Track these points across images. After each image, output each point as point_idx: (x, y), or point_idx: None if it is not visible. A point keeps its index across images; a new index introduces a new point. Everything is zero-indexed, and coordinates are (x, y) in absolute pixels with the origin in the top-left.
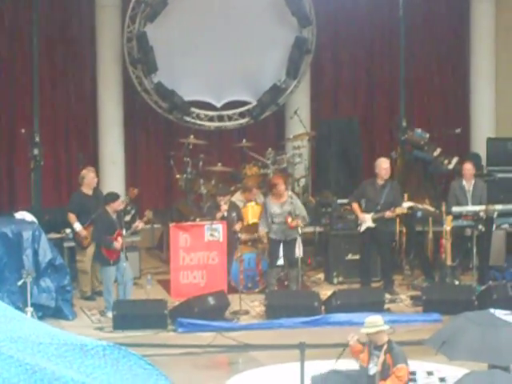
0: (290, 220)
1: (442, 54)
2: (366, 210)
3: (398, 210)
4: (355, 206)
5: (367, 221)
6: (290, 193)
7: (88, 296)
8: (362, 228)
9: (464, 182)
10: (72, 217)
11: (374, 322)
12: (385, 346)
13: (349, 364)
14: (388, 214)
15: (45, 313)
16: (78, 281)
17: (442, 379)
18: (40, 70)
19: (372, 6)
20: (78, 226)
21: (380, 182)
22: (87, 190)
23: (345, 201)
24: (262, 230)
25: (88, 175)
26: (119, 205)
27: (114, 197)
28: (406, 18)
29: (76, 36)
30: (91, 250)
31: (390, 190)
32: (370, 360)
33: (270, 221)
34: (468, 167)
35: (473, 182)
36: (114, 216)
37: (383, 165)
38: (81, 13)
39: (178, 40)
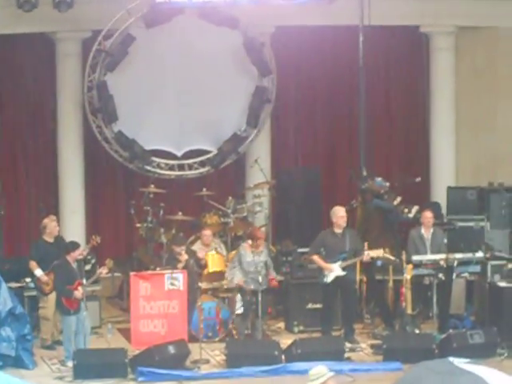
0: (274, 282)
1: (402, 103)
2: (330, 260)
3: (373, 253)
4: (316, 257)
5: (335, 270)
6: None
7: (48, 345)
8: (330, 278)
9: (423, 231)
10: (33, 264)
11: (318, 372)
12: None
13: None
14: (365, 257)
15: (5, 362)
16: (40, 328)
17: None
18: (0, 117)
19: (332, 56)
20: (38, 272)
21: (338, 230)
22: (49, 238)
23: (305, 250)
24: (240, 279)
25: (50, 224)
26: (79, 254)
27: (74, 246)
28: (366, 67)
29: (36, 84)
30: (52, 296)
31: (351, 237)
32: None
33: (245, 270)
34: (428, 215)
35: (431, 230)
36: (75, 265)
37: (340, 213)
38: (41, 62)
39: (139, 89)
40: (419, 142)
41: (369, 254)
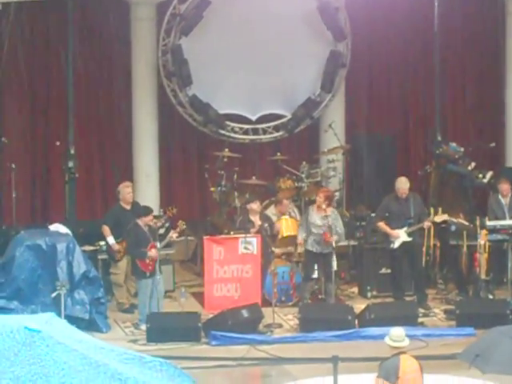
0: (328, 235)
1: (477, 68)
2: (395, 226)
3: (437, 218)
4: (382, 224)
5: (401, 236)
6: (333, 209)
7: (126, 309)
8: (397, 244)
9: (500, 196)
10: (106, 229)
11: (399, 335)
12: None
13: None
14: (427, 223)
15: (79, 325)
16: (114, 293)
17: None
18: (75, 82)
19: (407, 20)
20: (111, 240)
21: (402, 195)
22: (125, 205)
23: None
24: (300, 239)
25: (123, 190)
26: (151, 219)
27: (146, 211)
28: (441, 32)
29: (111, 49)
30: (124, 263)
31: (415, 202)
32: None
33: (309, 231)
34: (505, 187)
35: (510, 195)
36: (146, 229)
37: (402, 186)
38: (116, 26)
39: (213, 53)
40: (494, 107)
41: (433, 219)
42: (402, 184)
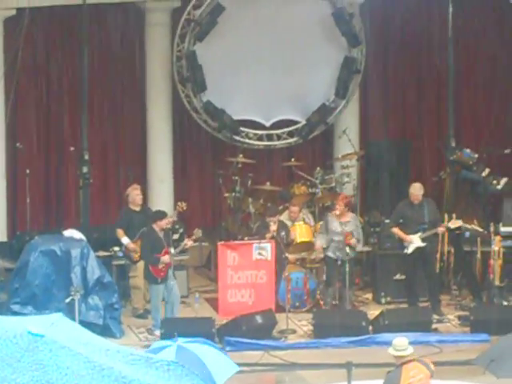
0: (348, 237)
1: (491, 74)
2: (410, 231)
3: (452, 224)
4: (397, 229)
5: (415, 241)
6: (353, 215)
7: (140, 314)
8: (410, 249)
9: None
10: (120, 232)
11: (401, 345)
12: None
13: None
14: (441, 229)
15: (92, 330)
16: (129, 297)
17: None
18: (89, 87)
19: (421, 26)
20: (125, 240)
21: (416, 201)
22: (134, 207)
23: None
24: (319, 245)
25: (132, 193)
26: (166, 223)
27: (160, 215)
28: (455, 39)
29: (125, 54)
30: (142, 265)
31: (429, 207)
32: None
33: (330, 238)
34: None
35: None
36: (161, 234)
37: (416, 191)
38: (130, 31)
39: (228, 59)
40: (508, 114)
41: (447, 225)
42: (416, 190)
